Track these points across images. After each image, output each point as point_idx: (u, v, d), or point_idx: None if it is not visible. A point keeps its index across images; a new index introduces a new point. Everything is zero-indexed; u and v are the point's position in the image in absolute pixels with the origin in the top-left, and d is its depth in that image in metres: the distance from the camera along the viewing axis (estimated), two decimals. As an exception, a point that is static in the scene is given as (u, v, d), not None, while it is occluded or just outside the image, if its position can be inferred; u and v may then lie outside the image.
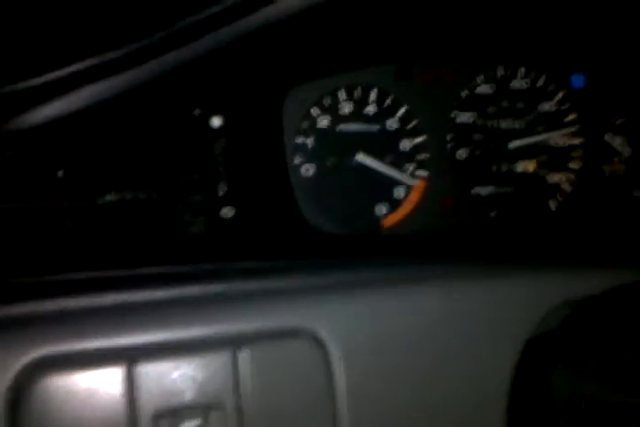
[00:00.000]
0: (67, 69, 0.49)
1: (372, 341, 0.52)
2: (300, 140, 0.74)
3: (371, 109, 0.77)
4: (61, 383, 0.45)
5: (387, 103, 0.77)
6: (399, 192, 0.79)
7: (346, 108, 0.76)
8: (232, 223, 0.63)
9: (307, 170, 0.74)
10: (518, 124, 0.83)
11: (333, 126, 0.75)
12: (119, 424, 0.46)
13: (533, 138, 0.83)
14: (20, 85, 0.48)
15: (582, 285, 0.57)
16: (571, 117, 0.85)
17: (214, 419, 0.47)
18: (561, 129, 0.84)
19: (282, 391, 0.49)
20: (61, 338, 0.46)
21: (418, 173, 0.79)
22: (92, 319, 0.48)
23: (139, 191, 0.57)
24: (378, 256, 0.62)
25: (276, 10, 0.50)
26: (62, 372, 0.45)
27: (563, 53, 0.83)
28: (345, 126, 0.76)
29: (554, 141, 0.84)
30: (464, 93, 0.80)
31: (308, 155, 0.75)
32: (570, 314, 0.55)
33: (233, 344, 0.49)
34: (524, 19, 0.74)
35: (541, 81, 0.83)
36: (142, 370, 0.47)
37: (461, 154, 0.81)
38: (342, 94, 0.75)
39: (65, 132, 0.55)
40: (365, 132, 0.76)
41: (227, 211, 0.63)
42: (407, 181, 0.78)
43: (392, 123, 0.78)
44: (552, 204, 0.85)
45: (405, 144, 0.78)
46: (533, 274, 0.57)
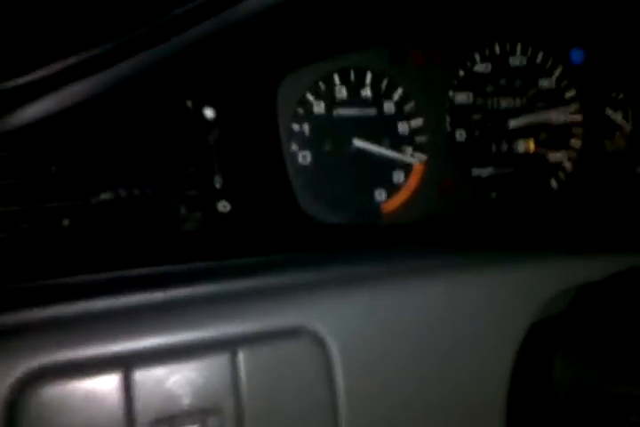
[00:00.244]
0: (54, 66, 0.48)
1: (373, 337, 0.51)
2: (296, 126, 0.73)
3: (366, 93, 0.75)
4: (57, 393, 0.44)
5: (382, 86, 0.75)
6: (398, 176, 0.77)
7: (341, 92, 0.74)
8: (229, 217, 0.62)
9: (303, 157, 0.73)
10: (517, 102, 0.81)
11: (329, 111, 0.74)
12: None
13: (533, 116, 0.82)
14: (7, 84, 0.47)
15: (584, 270, 0.56)
16: (570, 94, 0.83)
17: (213, 423, 0.46)
18: (561, 106, 0.83)
19: (281, 393, 0.48)
20: (55, 347, 0.45)
21: (417, 156, 0.78)
22: (86, 326, 0.47)
23: (133, 188, 0.56)
24: (377, 247, 0.61)
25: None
26: (58, 382, 0.45)
27: (560, 28, 0.81)
28: (341, 111, 0.74)
29: (554, 119, 0.83)
30: (461, 73, 0.78)
31: (305, 142, 0.73)
32: (571, 300, 0.55)
33: (230, 346, 0.48)
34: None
35: (539, 57, 0.81)
36: (139, 377, 0.46)
37: (460, 135, 0.80)
38: (337, 79, 0.74)
39: (56, 130, 0.53)
40: (362, 116, 0.75)
41: (223, 204, 0.61)
42: (406, 165, 0.77)
43: (388, 106, 0.76)
44: (554, 183, 0.84)
45: (403, 127, 0.77)
46: (536, 261, 0.57)
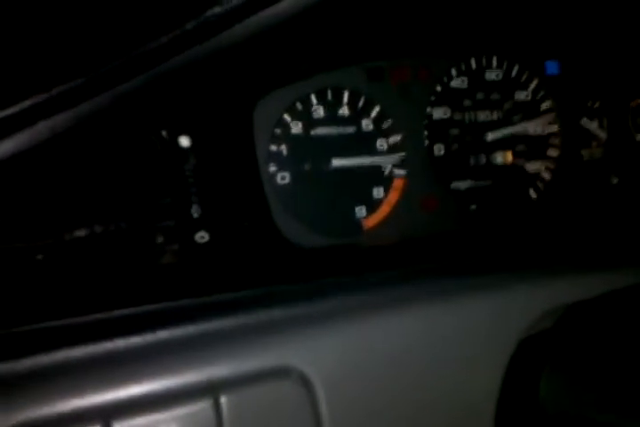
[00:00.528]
0: (25, 103, 0.47)
1: (359, 372, 0.50)
2: (274, 147, 0.72)
3: (344, 112, 0.75)
4: None
5: (360, 104, 0.75)
6: (378, 192, 0.77)
7: (319, 112, 0.73)
8: (207, 248, 0.61)
9: (282, 177, 0.73)
10: (494, 115, 0.81)
11: (307, 131, 0.73)
12: None
13: (510, 128, 0.82)
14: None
15: (569, 290, 0.56)
16: (546, 105, 0.84)
17: None
18: (537, 117, 0.83)
19: None
20: (30, 403, 0.43)
21: (396, 172, 0.77)
22: (62, 377, 0.45)
23: (108, 223, 0.55)
24: (358, 272, 0.60)
25: (243, 29, 0.47)
26: None
27: (535, 41, 0.81)
28: (319, 130, 0.74)
29: (531, 130, 0.83)
30: (438, 88, 0.78)
31: (283, 162, 0.73)
32: (559, 319, 0.55)
33: (212, 391, 0.46)
34: (493, 8, 0.72)
35: (515, 70, 0.82)
36: None
37: (439, 149, 0.80)
38: (314, 98, 0.73)
39: (27, 167, 0.52)
40: (340, 134, 0.75)
41: (201, 235, 0.61)
42: (386, 181, 0.77)
43: (366, 123, 0.76)
44: (532, 193, 0.84)
45: (382, 144, 0.77)
46: (520, 284, 0.57)
